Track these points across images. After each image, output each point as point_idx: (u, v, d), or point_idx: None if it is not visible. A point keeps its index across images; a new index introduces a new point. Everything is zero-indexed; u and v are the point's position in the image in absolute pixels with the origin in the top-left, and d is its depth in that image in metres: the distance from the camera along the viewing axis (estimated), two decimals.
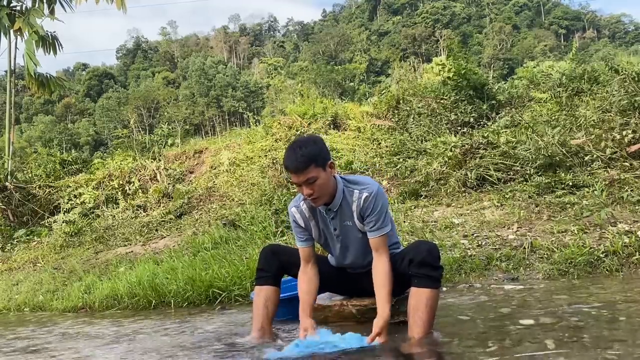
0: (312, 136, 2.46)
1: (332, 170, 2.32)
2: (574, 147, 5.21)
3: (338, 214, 2.38)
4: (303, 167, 2.21)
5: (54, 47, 11.07)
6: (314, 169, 2.22)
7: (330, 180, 2.31)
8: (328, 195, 2.32)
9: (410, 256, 2.26)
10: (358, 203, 2.32)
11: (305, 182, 2.23)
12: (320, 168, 2.25)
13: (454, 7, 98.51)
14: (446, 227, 4.36)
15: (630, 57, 14.60)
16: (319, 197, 2.29)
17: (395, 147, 7.46)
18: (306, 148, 2.24)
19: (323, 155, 2.28)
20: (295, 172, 2.23)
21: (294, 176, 2.26)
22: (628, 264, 3.19)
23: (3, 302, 5.75)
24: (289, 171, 2.29)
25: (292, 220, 2.51)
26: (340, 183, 2.37)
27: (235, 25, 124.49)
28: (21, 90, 65.00)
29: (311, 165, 2.22)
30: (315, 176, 2.23)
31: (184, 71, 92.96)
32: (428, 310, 2.19)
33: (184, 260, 5.02)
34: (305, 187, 2.25)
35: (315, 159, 2.23)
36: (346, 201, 2.36)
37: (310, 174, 2.22)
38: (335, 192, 2.35)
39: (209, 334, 2.93)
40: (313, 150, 2.24)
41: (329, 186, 2.31)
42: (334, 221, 2.41)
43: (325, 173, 2.27)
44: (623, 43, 77.18)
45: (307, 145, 2.27)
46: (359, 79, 68.65)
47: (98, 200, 9.05)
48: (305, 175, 2.22)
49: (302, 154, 2.22)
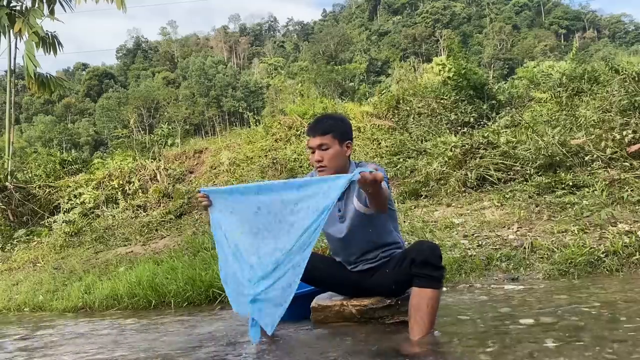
0: (342, 115, 2.62)
1: (348, 150, 2.41)
2: (574, 147, 5.21)
3: (345, 195, 2.40)
4: (322, 131, 2.34)
5: (54, 47, 11.06)
6: (330, 138, 2.33)
7: (343, 156, 2.39)
8: (335, 170, 2.35)
9: (412, 256, 2.25)
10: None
11: (318, 146, 2.34)
12: (337, 140, 2.35)
13: (454, 7, 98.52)
14: (446, 227, 4.36)
15: (630, 57, 14.62)
16: (326, 167, 2.35)
17: (395, 147, 7.46)
18: (333, 120, 2.42)
19: (344, 131, 2.40)
20: (313, 133, 2.36)
21: (311, 138, 2.37)
22: (628, 264, 3.19)
23: (3, 302, 5.75)
24: (308, 133, 2.41)
25: None
26: (353, 166, 2.44)
27: (235, 25, 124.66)
28: (21, 90, 65.06)
29: (330, 133, 2.34)
30: (329, 144, 2.33)
31: (184, 71, 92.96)
32: (429, 311, 2.19)
33: (184, 260, 5.02)
34: (317, 153, 2.35)
35: (335, 129, 2.36)
36: (354, 183, 2.35)
37: (325, 141, 2.33)
38: (347, 172, 2.36)
39: (209, 334, 2.93)
40: (337, 123, 2.40)
41: (339, 161, 2.37)
42: (339, 203, 2.43)
43: (339, 147, 2.36)
44: (623, 43, 77.21)
45: (335, 118, 2.47)
46: (359, 79, 68.59)
47: (98, 200, 9.05)
48: (321, 140, 2.33)
49: (325, 121, 2.40)
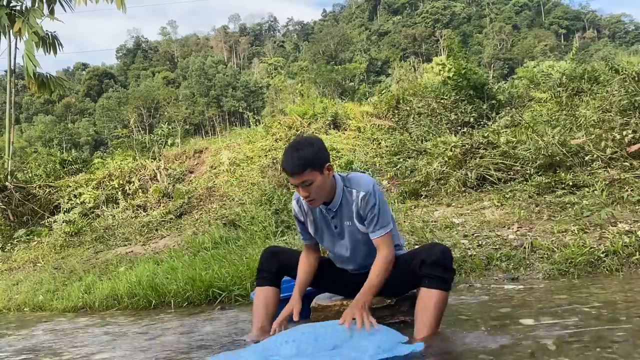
0: (311, 138, 2.40)
1: (329, 173, 2.30)
2: (574, 147, 5.20)
3: (338, 213, 2.38)
4: (299, 170, 2.19)
5: (53, 47, 11.08)
6: (309, 172, 2.21)
7: (328, 182, 2.29)
8: (325, 197, 2.32)
9: (423, 257, 2.24)
10: (357, 203, 2.31)
11: (302, 184, 2.23)
12: (317, 171, 2.22)
13: (454, 7, 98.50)
14: (446, 227, 4.36)
15: (630, 57, 14.62)
16: (315, 199, 2.29)
17: (395, 147, 7.46)
18: (303, 151, 2.21)
19: (320, 158, 2.24)
20: (292, 174, 2.23)
21: (291, 178, 2.26)
22: (628, 264, 3.19)
23: (3, 302, 5.75)
24: (286, 173, 2.29)
25: (294, 214, 2.56)
26: (339, 183, 2.36)
27: (235, 25, 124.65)
28: (21, 90, 65.04)
29: (307, 168, 2.20)
30: (311, 179, 2.21)
31: (184, 71, 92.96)
32: (436, 312, 2.18)
33: (184, 260, 5.02)
34: (301, 190, 2.25)
35: (311, 162, 2.20)
36: (346, 200, 2.36)
37: (306, 177, 2.21)
38: (335, 192, 2.35)
39: (209, 334, 2.93)
40: (309, 153, 2.21)
41: (326, 188, 2.30)
42: (334, 220, 2.41)
43: (322, 176, 2.24)
44: (623, 43, 77.20)
45: (304, 147, 2.23)
46: (359, 78, 68.57)
47: (98, 200, 9.05)
48: (301, 178, 2.21)
49: (298, 157, 2.20)
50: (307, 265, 2.51)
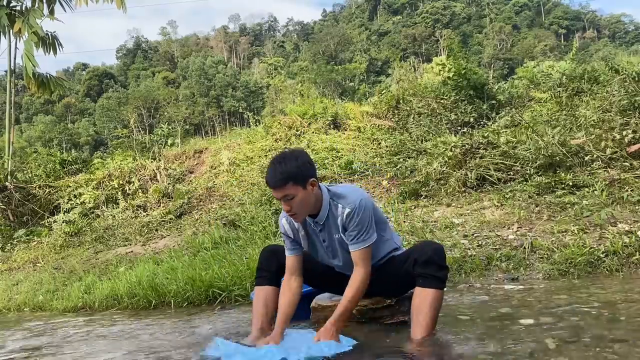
0: (296, 151, 2.34)
1: (313, 188, 2.24)
2: (574, 147, 5.20)
3: (325, 226, 2.35)
4: (280, 184, 2.17)
5: (53, 47, 11.08)
6: (291, 187, 2.17)
7: (311, 197, 2.24)
8: (308, 212, 2.29)
9: (415, 256, 2.24)
10: (342, 218, 2.27)
11: (283, 198, 2.20)
12: (299, 186, 2.19)
13: (454, 7, 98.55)
14: (446, 227, 4.36)
15: (630, 57, 14.62)
16: (297, 214, 2.25)
17: (395, 147, 7.45)
18: (286, 164, 2.18)
19: (303, 173, 2.20)
20: (273, 188, 2.21)
21: (273, 191, 2.25)
22: (628, 264, 3.19)
23: (3, 302, 5.76)
24: (268, 186, 2.28)
25: (282, 231, 2.47)
26: (326, 196, 2.31)
27: (235, 25, 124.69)
28: (21, 90, 65.10)
29: (289, 182, 2.17)
30: (293, 193, 2.18)
31: (184, 71, 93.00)
32: (432, 311, 2.17)
33: (184, 260, 5.02)
34: (283, 203, 2.23)
35: (294, 177, 2.17)
36: (332, 214, 2.31)
37: (288, 192, 2.18)
38: (321, 206, 2.30)
39: (209, 334, 2.93)
40: (292, 167, 2.18)
41: (309, 203, 2.25)
42: (322, 233, 2.38)
43: (304, 191, 2.20)
44: (623, 43, 77.25)
45: (288, 161, 2.20)
46: (359, 79, 68.65)
47: (98, 200, 9.05)
48: (283, 192, 2.18)
49: (280, 171, 2.17)
50: (290, 296, 2.40)
